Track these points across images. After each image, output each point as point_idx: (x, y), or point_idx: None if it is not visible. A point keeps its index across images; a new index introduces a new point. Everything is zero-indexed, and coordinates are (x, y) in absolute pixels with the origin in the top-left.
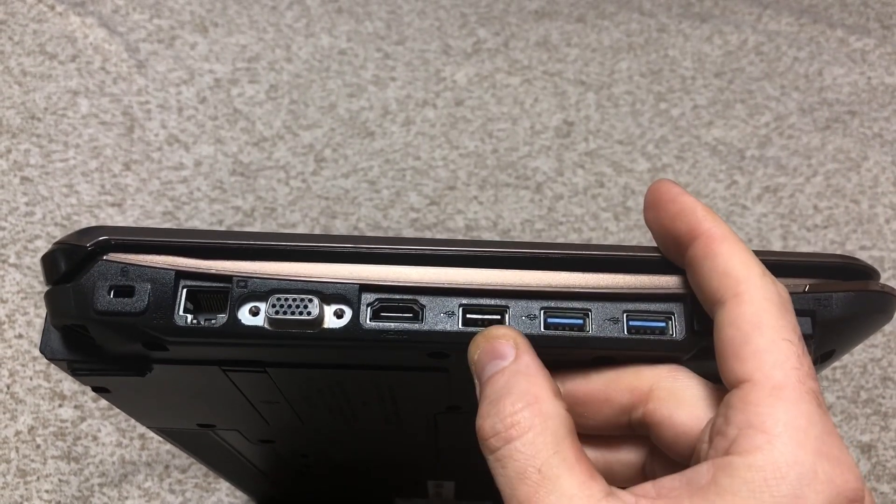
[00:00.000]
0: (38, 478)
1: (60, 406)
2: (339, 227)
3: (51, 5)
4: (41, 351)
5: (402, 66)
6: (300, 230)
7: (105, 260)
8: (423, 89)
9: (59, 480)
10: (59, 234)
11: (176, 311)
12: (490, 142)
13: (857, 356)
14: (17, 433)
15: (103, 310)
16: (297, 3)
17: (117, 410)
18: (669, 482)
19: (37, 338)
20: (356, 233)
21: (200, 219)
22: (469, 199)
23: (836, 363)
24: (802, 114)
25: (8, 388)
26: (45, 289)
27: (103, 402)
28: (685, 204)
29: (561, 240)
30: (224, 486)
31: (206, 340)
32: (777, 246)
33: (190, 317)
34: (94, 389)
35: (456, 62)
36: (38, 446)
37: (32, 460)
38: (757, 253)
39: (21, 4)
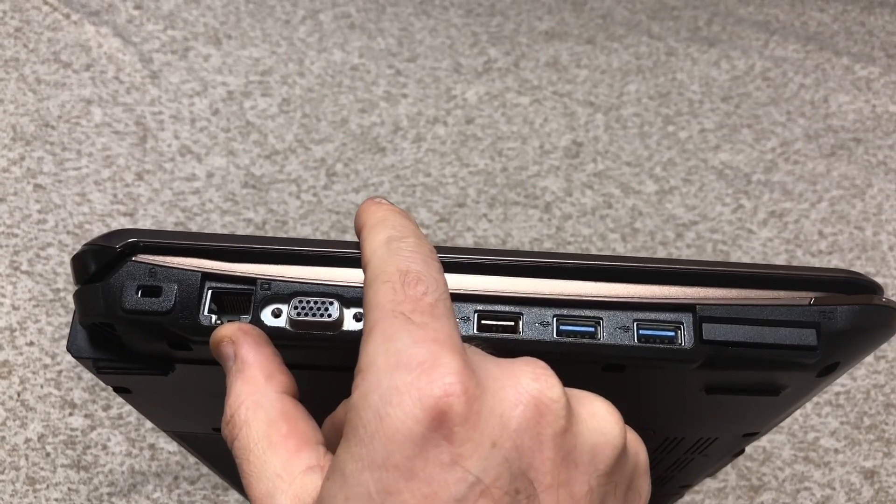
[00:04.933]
0: (48, 486)
1: (71, 415)
2: None
3: (66, 14)
4: (68, 349)
5: (413, 83)
6: None
7: (133, 261)
8: (434, 106)
9: (69, 489)
10: (71, 243)
11: (201, 312)
12: (500, 160)
13: (860, 382)
14: (27, 441)
15: (131, 308)
16: (311, 17)
17: (127, 420)
18: None
19: (48, 345)
20: None
21: (212, 230)
22: (478, 216)
23: (840, 388)
24: (808, 140)
25: (18, 395)
26: (56, 296)
27: (113, 412)
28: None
29: None
30: (233, 497)
31: None
32: None
33: (214, 317)
34: (116, 390)
35: (467, 80)
36: (48, 454)
37: (42, 468)
38: (763, 267)
39: (36, 12)
